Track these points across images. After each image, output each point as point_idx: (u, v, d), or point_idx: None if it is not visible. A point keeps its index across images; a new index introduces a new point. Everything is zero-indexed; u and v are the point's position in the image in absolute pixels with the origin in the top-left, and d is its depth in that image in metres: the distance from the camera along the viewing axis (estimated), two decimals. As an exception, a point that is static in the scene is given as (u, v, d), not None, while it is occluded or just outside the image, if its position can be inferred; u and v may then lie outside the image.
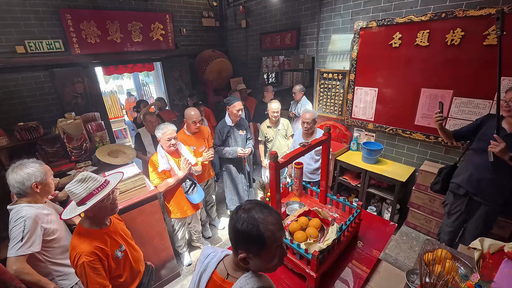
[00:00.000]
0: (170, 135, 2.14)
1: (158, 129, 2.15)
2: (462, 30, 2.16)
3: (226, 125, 2.71)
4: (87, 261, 1.19)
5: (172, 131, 2.15)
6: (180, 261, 2.67)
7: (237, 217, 0.79)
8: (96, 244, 1.27)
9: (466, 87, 2.27)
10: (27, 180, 1.42)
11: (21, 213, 1.36)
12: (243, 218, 0.77)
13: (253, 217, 0.77)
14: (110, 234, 1.41)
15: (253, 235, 0.75)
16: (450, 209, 2.04)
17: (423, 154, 2.71)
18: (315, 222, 1.53)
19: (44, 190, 1.52)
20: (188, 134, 2.66)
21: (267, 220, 0.77)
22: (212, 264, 0.90)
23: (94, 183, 1.27)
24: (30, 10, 3.07)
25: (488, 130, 1.76)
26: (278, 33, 3.88)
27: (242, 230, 0.76)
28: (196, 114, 2.53)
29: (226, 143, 2.76)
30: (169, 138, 2.13)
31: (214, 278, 0.87)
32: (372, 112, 2.98)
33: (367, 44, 2.81)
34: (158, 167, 2.16)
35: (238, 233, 0.78)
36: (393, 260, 2.41)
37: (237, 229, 0.77)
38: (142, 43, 4.00)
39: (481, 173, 1.80)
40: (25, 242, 1.30)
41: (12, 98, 3.13)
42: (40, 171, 1.48)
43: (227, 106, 2.64)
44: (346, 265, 1.48)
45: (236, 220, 0.79)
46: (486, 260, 1.27)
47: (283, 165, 1.35)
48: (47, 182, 1.52)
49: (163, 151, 2.20)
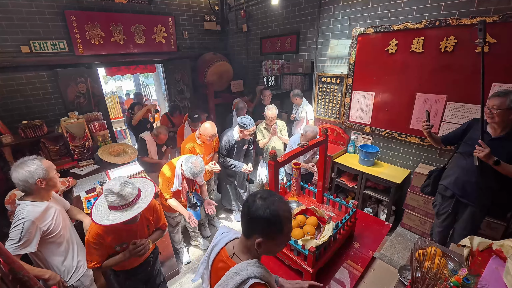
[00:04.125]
0: (195, 175, 2.13)
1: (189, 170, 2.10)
2: (455, 37, 2.25)
3: (233, 139, 2.78)
4: (89, 239, 1.42)
5: (199, 173, 2.14)
6: (179, 260, 2.70)
7: (254, 205, 0.85)
8: (101, 232, 1.42)
9: (459, 92, 2.35)
10: (30, 178, 1.43)
11: (22, 215, 1.39)
12: (261, 206, 0.84)
13: (272, 204, 0.84)
14: (124, 230, 1.48)
15: (272, 221, 0.82)
16: (438, 210, 2.11)
17: (418, 157, 2.78)
18: (312, 220, 1.59)
19: (48, 185, 1.54)
20: (198, 143, 2.67)
21: (283, 208, 0.85)
22: (223, 242, 0.98)
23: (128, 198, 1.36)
24: (36, 11, 3.13)
25: (473, 135, 1.82)
26: (278, 38, 3.96)
27: (262, 216, 0.83)
28: (212, 130, 2.53)
29: (229, 154, 2.85)
30: (193, 176, 2.14)
31: (221, 253, 0.96)
32: (369, 115, 3.06)
33: (365, 49, 2.90)
34: (172, 187, 2.19)
35: (256, 220, 0.84)
36: (388, 260, 2.43)
37: (256, 215, 0.83)
38: (145, 45, 4.07)
39: (467, 176, 1.86)
40: (21, 244, 1.34)
41: (16, 96, 3.17)
42: (41, 167, 1.49)
43: (241, 129, 2.67)
44: (342, 263, 1.53)
45: (254, 209, 0.84)
46: (475, 257, 1.33)
47: (281, 164, 1.41)
48: (50, 177, 1.53)
49: (180, 174, 2.19)
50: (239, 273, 0.82)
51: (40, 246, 1.45)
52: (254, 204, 0.85)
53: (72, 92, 3.49)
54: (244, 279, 0.80)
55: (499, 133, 1.73)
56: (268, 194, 0.88)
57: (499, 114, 1.65)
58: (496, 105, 1.64)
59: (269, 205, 0.83)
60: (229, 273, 0.84)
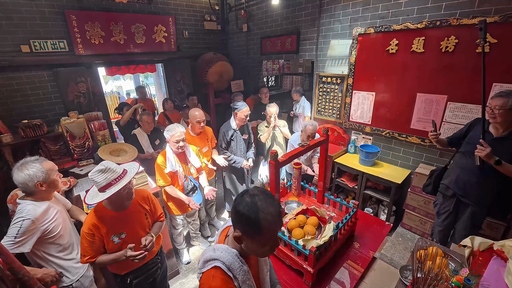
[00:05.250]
0: (178, 137, 2.13)
1: (168, 130, 2.14)
2: (456, 37, 2.25)
3: (231, 128, 2.75)
4: (83, 230, 1.41)
5: (181, 133, 2.14)
6: (179, 259, 2.70)
7: (241, 200, 0.85)
8: (95, 222, 1.42)
9: (459, 92, 2.35)
10: (29, 181, 1.41)
11: (22, 213, 1.39)
12: (246, 202, 0.83)
13: (255, 203, 0.82)
14: (119, 218, 1.48)
15: (251, 220, 0.81)
16: (439, 209, 2.11)
17: (419, 157, 2.78)
18: (312, 220, 1.58)
19: (49, 187, 1.51)
20: (192, 135, 2.68)
21: (267, 210, 0.82)
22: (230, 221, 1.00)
23: (113, 174, 1.38)
24: (36, 10, 3.13)
25: (475, 134, 1.82)
26: (279, 38, 3.96)
27: (242, 212, 0.82)
28: (200, 114, 2.55)
29: (229, 146, 2.81)
30: (177, 140, 2.13)
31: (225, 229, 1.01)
32: (369, 115, 3.06)
33: (365, 49, 2.90)
34: (165, 168, 2.18)
35: (238, 214, 0.84)
36: (388, 260, 2.44)
37: (238, 210, 0.83)
38: (145, 44, 4.07)
39: (468, 176, 1.86)
40: (16, 242, 1.33)
41: (16, 96, 3.17)
42: (41, 170, 1.45)
43: (235, 111, 2.66)
44: (342, 263, 1.53)
45: (239, 202, 0.84)
46: (476, 257, 1.33)
47: (282, 164, 1.40)
48: (51, 180, 1.50)
49: (171, 152, 2.19)
50: (215, 251, 0.88)
51: (39, 246, 1.45)
52: (241, 198, 0.85)
53: (72, 91, 3.49)
54: (213, 258, 0.87)
55: (501, 133, 1.73)
56: (259, 192, 0.86)
57: (501, 114, 1.65)
58: (498, 105, 1.65)
59: (253, 203, 0.82)
60: (211, 246, 0.94)
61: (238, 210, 0.83)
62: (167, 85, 4.79)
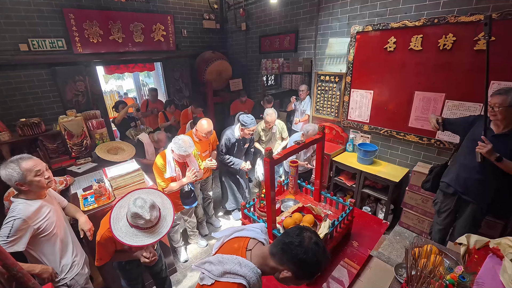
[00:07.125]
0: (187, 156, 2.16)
1: (179, 147, 2.10)
2: (454, 35, 2.24)
3: (234, 137, 2.78)
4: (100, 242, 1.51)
5: (189, 154, 2.15)
6: (176, 258, 2.70)
7: (307, 246, 0.84)
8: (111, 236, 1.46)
9: (457, 90, 2.34)
10: (8, 180, 1.39)
11: (14, 212, 1.37)
12: (312, 250, 0.83)
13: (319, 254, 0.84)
14: None
15: (311, 267, 0.83)
16: (440, 207, 2.10)
17: (417, 156, 2.77)
18: (308, 218, 1.58)
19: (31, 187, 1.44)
20: (195, 140, 2.66)
21: (325, 262, 0.86)
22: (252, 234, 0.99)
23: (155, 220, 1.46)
24: (34, 9, 3.12)
25: (476, 131, 1.81)
26: (277, 36, 3.95)
27: (306, 259, 0.82)
28: (209, 126, 2.53)
29: (230, 152, 2.86)
30: (183, 157, 2.15)
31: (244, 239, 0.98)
32: (368, 114, 3.05)
33: (363, 47, 2.89)
34: (165, 173, 2.18)
35: (300, 260, 0.83)
36: (385, 258, 2.45)
37: (302, 257, 0.83)
38: (144, 43, 4.06)
39: (469, 173, 1.86)
40: (9, 241, 1.33)
41: (15, 94, 3.17)
42: (16, 171, 1.37)
43: (242, 127, 2.68)
44: (339, 261, 1.53)
45: (305, 249, 0.83)
46: (471, 255, 1.33)
47: (277, 161, 1.40)
48: (28, 181, 1.41)
49: (171, 159, 2.19)
50: (241, 266, 0.85)
51: (33, 245, 1.44)
52: (305, 244, 0.84)
53: (71, 90, 3.49)
54: (239, 274, 0.83)
55: (502, 129, 1.72)
56: (318, 240, 0.87)
57: (501, 112, 1.65)
58: (498, 103, 1.64)
59: (318, 253, 0.83)
60: (235, 257, 0.88)
61: (302, 257, 0.83)
62: (166, 84, 4.79)
